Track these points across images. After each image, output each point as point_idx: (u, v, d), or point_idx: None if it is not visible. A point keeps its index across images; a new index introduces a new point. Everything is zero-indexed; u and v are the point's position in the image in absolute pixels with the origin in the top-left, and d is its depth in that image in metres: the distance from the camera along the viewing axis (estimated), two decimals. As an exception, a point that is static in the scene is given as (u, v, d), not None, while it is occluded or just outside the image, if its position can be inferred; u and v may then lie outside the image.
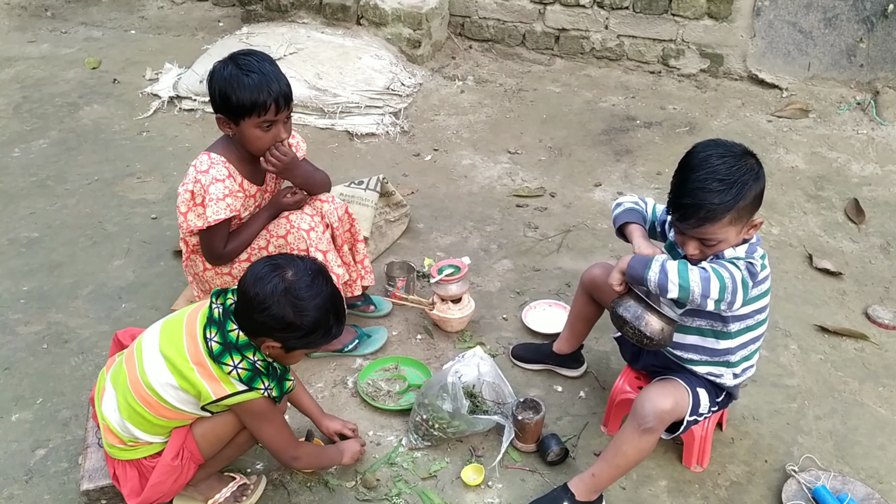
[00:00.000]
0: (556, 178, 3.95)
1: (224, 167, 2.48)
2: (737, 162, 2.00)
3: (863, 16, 4.34)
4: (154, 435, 2.06)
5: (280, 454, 2.13)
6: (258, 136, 2.45)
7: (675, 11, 4.72)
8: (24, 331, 2.92)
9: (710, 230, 2.00)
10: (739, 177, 1.97)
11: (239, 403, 1.99)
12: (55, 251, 3.36)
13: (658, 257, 2.03)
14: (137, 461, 2.09)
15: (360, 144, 4.25)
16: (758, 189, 2.01)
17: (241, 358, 1.95)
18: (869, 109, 4.37)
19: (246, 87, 2.38)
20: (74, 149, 4.14)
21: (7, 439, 2.48)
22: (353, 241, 2.83)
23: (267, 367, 1.99)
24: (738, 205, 1.96)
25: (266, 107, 2.39)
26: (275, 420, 2.08)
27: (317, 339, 1.99)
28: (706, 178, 1.97)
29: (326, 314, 1.96)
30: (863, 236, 3.50)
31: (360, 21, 4.97)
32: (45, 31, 5.58)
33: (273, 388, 2.00)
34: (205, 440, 2.08)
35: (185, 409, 2.01)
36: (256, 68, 2.40)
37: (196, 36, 5.47)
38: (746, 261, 2.03)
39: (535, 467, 2.40)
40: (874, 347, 2.88)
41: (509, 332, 2.94)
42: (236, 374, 1.94)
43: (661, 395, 2.12)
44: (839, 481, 2.31)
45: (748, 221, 2.03)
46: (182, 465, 2.07)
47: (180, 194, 2.49)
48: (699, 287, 1.94)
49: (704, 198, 1.96)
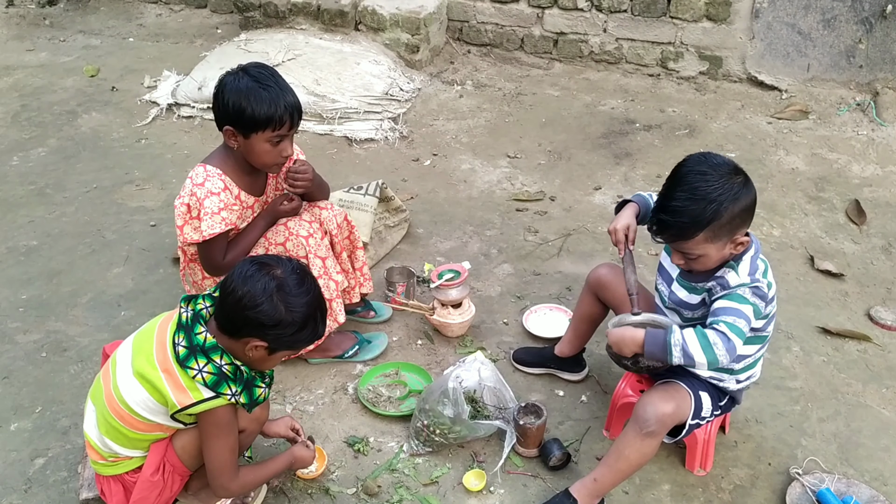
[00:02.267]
0: (556, 181, 3.94)
1: (220, 179, 2.47)
2: (717, 180, 1.98)
3: (861, 17, 4.34)
4: (132, 449, 2.05)
5: (214, 478, 2.03)
6: (266, 150, 2.44)
7: (673, 14, 4.71)
8: (23, 339, 2.91)
9: (685, 246, 2.03)
10: (717, 196, 1.95)
11: (204, 412, 1.94)
12: (54, 259, 3.35)
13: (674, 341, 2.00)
14: (120, 476, 2.08)
15: (358, 150, 4.24)
16: (737, 209, 1.98)
17: (207, 361, 1.92)
18: (869, 110, 4.36)
19: (263, 101, 2.35)
20: (73, 157, 4.14)
21: (6, 448, 2.47)
22: (352, 248, 2.82)
23: (234, 371, 1.95)
24: (712, 225, 1.96)
25: (282, 121, 2.38)
26: (228, 438, 2.01)
27: (303, 338, 1.98)
28: (681, 196, 1.99)
29: (315, 312, 1.96)
30: (864, 237, 3.49)
31: (358, 27, 4.97)
32: (43, 39, 5.58)
33: (240, 393, 1.96)
34: (185, 453, 2.06)
35: (156, 419, 1.98)
36: (272, 81, 2.39)
37: (194, 43, 5.47)
38: (752, 286, 2.03)
39: (537, 472, 2.39)
40: (877, 349, 2.87)
41: (510, 337, 2.93)
42: (201, 378, 1.91)
43: (662, 398, 2.12)
44: (843, 484, 2.29)
45: (731, 239, 2.01)
46: (164, 480, 2.05)
47: (176, 207, 2.48)
48: (726, 357, 1.98)
49: (676, 215, 1.99)
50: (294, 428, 2.31)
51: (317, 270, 2.55)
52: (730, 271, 2.07)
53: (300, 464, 2.25)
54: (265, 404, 2.15)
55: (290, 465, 2.23)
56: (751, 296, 2.03)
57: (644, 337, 2.07)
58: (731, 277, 2.06)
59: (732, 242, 2.03)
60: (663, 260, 2.28)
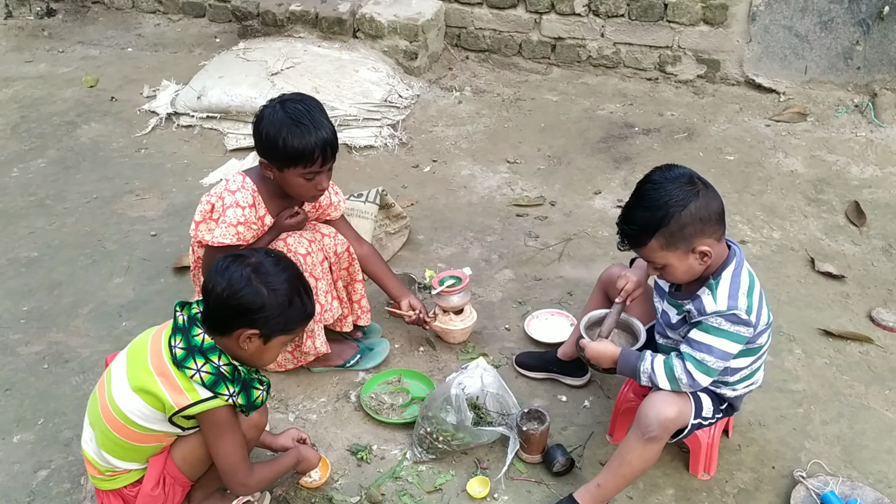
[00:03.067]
0: (556, 186, 3.94)
1: (251, 195, 2.48)
2: (670, 190, 1.98)
3: (858, 18, 4.34)
4: (129, 462, 2.04)
5: (230, 477, 2.04)
6: (300, 184, 2.45)
7: (670, 18, 4.72)
8: (25, 351, 2.91)
9: (643, 253, 2.06)
10: (664, 203, 1.97)
11: (203, 413, 1.93)
12: (55, 270, 3.35)
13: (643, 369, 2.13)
14: (119, 491, 2.08)
15: (358, 157, 4.24)
16: (687, 216, 1.96)
17: (205, 361, 1.92)
18: (867, 112, 4.37)
19: (294, 137, 2.36)
20: (73, 167, 4.14)
21: (9, 461, 2.47)
22: (351, 280, 2.81)
23: (232, 371, 1.95)
24: (662, 231, 1.97)
25: (313, 159, 2.39)
26: (234, 435, 2.00)
27: (293, 317, 1.97)
28: (635, 205, 2.04)
29: (297, 286, 1.97)
30: (864, 239, 3.49)
31: (357, 34, 4.98)
32: (42, 50, 5.59)
33: (238, 394, 1.95)
34: (186, 463, 2.06)
35: (152, 427, 1.97)
36: (307, 118, 2.38)
37: (193, 52, 5.48)
38: (727, 315, 2.02)
39: (541, 478, 2.39)
40: (879, 350, 2.86)
41: (512, 343, 2.93)
42: (199, 377, 1.91)
43: (664, 402, 2.11)
44: (848, 486, 2.29)
45: (689, 249, 2.00)
46: (166, 493, 2.05)
47: (201, 203, 2.50)
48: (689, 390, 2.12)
49: (629, 223, 2.03)
50: (300, 438, 2.32)
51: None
52: (707, 294, 2.06)
53: (306, 463, 2.25)
54: (264, 409, 2.15)
55: (297, 463, 2.23)
56: (729, 326, 2.02)
57: (618, 358, 2.19)
58: (707, 302, 2.05)
59: (694, 253, 2.01)
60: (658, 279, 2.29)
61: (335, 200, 2.75)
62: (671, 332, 2.21)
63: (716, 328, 2.04)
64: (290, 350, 2.71)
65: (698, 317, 2.06)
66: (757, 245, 3.45)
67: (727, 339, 2.04)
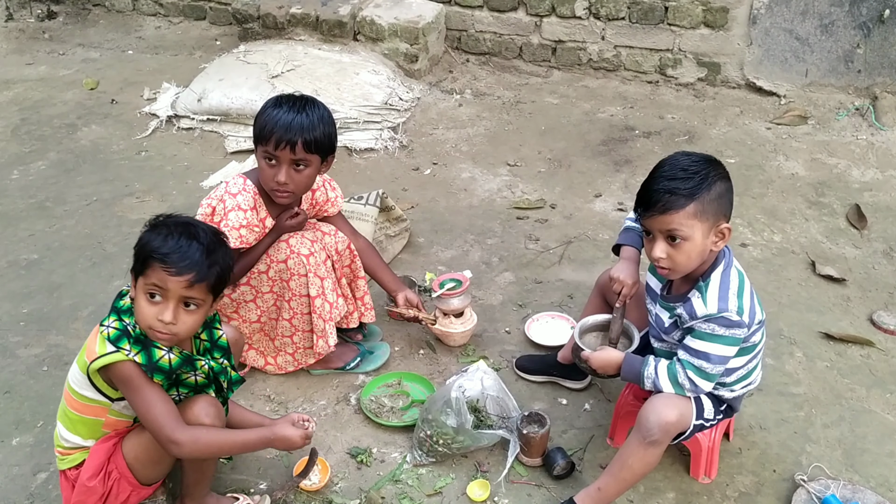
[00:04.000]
0: (556, 189, 3.94)
1: (252, 198, 2.48)
2: (702, 160, 2.05)
3: (859, 21, 4.35)
4: (74, 434, 2.05)
5: (157, 436, 1.94)
6: (263, 167, 2.47)
7: (671, 21, 4.72)
8: (24, 353, 2.91)
9: (674, 219, 1.98)
10: (702, 169, 2.01)
11: (111, 368, 1.91)
12: (55, 273, 3.35)
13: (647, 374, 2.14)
14: (65, 473, 2.10)
15: (358, 160, 4.24)
16: (723, 188, 2.02)
17: (117, 319, 1.94)
18: (868, 115, 4.37)
19: (264, 115, 2.41)
20: (73, 170, 4.14)
21: (8, 463, 2.46)
22: (354, 276, 2.81)
23: (139, 335, 1.94)
24: (701, 194, 1.97)
25: (268, 138, 2.39)
26: (147, 391, 1.92)
27: (149, 248, 1.90)
28: (671, 169, 2.03)
29: (173, 232, 1.92)
30: (865, 242, 3.49)
31: (357, 37, 4.98)
32: (42, 53, 5.59)
33: (139, 353, 1.91)
34: (138, 461, 2.04)
35: (84, 393, 1.99)
36: (292, 103, 2.43)
37: (193, 55, 5.48)
38: (718, 318, 2.02)
39: (542, 482, 2.38)
40: (880, 354, 2.86)
41: (512, 346, 2.93)
42: (106, 332, 1.92)
43: (665, 406, 2.10)
44: (849, 490, 2.28)
45: (715, 224, 2.01)
46: (106, 487, 2.03)
47: (202, 206, 2.50)
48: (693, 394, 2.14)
49: (668, 184, 2.00)
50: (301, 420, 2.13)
51: (315, 290, 2.55)
52: (697, 297, 2.06)
53: (284, 441, 2.06)
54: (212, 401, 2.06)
55: (270, 443, 2.08)
56: (724, 330, 2.02)
57: (622, 363, 2.20)
58: (698, 305, 2.04)
59: (716, 229, 2.01)
60: (649, 280, 2.28)
61: (332, 196, 2.74)
62: (665, 336, 2.21)
63: (709, 334, 2.03)
64: (290, 352, 2.71)
65: (690, 321, 2.06)
66: (758, 248, 3.45)
67: (723, 343, 2.04)
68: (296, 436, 2.07)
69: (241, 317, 2.65)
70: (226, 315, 2.64)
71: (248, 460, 2.45)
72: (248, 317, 2.65)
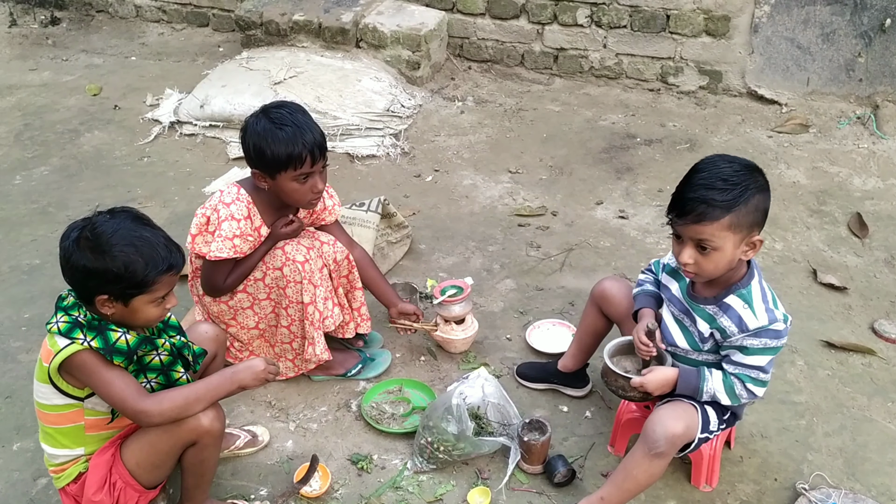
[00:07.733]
0: (558, 196, 3.94)
1: (246, 207, 2.48)
2: (743, 169, 2.01)
3: (860, 30, 4.35)
4: (58, 448, 2.04)
5: (124, 411, 1.94)
6: (295, 188, 2.44)
7: (672, 29, 4.74)
8: (26, 359, 2.91)
9: (707, 229, 1.96)
10: (742, 180, 1.97)
11: (67, 362, 1.90)
12: (57, 278, 3.30)
13: (706, 389, 2.12)
14: (63, 490, 2.09)
15: (360, 166, 4.25)
16: (761, 200, 1.98)
17: (64, 314, 1.93)
18: (869, 123, 4.37)
19: (280, 141, 2.36)
20: (76, 175, 4.15)
21: (9, 468, 2.46)
22: (351, 287, 2.80)
23: (90, 320, 1.93)
24: (738, 207, 1.94)
25: (302, 160, 2.38)
26: (102, 372, 1.91)
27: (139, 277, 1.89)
28: (710, 177, 1.99)
29: (134, 245, 1.90)
30: (867, 250, 3.49)
31: (360, 44, 5.00)
32: (46, 58, 5.61)
33: (94, 339, 1.90)
34: (140, 468, 2.03)
35: (52, 402, 1.98)
36: (289, 121, 2.39)
37: (196, 61, 5.50)
38: (771, 331, 2.05)
39: (542, 489, 2.38)
40: (882, 362, 2.86)
41: (513, 353, 2.93)
42: (56, 328, 1.91)
43: (672, 418, 2.09)
44: (850, 499, 2.28)
45: (748, 235, 1.99)
46: (114, 497, 2.03)
47: (196, 216, 2.49)
48: (748, 399, 2.13)
49: (705, 193, 1.96)
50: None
51: (308, 297, 2.55)
52: (745, 308, 2.05)
53: (247, 372, 2.05)
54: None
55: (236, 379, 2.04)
56: (775, 342, 2.06)
57: (677, 380, 2.15)
58: (747, 317, 2.04)
59: (747, 239, 2.00)
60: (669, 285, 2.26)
61: (329, 205, 2.74)
62: (696, 355, 2.20)
63: (762, 349, 2.06)
64: (290, 358, 2.71)
65: (739, 334, 2.06)
66: (759, 256, 3.42)
67: (773, 353, 2.09)
68: (257, 361, 2.08)
69: (239, 323, 2.66)
70: (224, 322, 2.65)
71: (249, 467, 2.46)
72: (247, 323, 2.65)
